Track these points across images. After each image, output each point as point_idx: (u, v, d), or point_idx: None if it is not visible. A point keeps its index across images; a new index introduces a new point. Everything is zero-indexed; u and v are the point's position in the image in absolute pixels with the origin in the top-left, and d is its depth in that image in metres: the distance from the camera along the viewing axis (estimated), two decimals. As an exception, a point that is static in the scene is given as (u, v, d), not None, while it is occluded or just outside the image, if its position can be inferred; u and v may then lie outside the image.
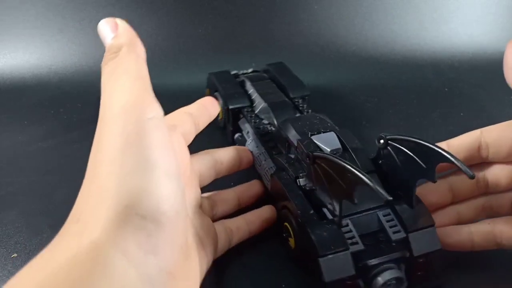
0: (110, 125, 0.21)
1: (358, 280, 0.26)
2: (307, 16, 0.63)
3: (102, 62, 0.24)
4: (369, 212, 0.28)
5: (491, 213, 0.30)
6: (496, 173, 0.30)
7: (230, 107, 0.41)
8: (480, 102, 0.54)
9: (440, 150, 0.25)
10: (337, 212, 0.25)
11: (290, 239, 0.30)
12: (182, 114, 0.30)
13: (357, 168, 0.23)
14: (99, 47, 0.61)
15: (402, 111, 0.52)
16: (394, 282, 0.26)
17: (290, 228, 0.29)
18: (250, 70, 0.48)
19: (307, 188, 0.29)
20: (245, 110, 0.40)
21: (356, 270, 0.25)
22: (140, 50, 0.24)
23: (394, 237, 0.27)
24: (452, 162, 0.24)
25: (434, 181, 0.26)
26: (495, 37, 0.67)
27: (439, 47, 0.65)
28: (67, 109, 0.53)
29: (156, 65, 0.60)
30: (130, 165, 0.20)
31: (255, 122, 0.39)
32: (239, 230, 0.31)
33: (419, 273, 0.27)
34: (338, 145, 0.30)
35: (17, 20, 0.60)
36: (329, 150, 0.29)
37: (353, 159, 0.29)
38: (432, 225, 0.27)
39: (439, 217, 0.29)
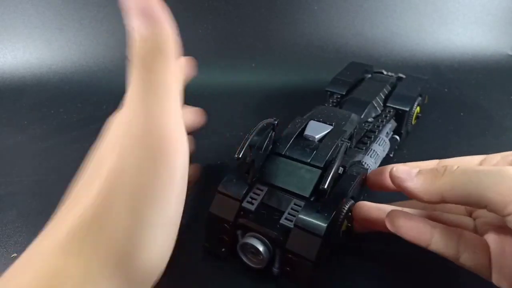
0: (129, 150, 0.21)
1: (236, 231, 0.29)
2: (307, 17, 0.63)
3: (133, 52, 0.21)
4: (287, 193, 0.29)
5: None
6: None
7: (326, 89, 0.45)
8: (480, 103, 0.54)
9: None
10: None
11: None
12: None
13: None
14: (99, 47, 0.61)
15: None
16: (252, 250, 0.28)
17: None
18: (393, 75, 0.48)
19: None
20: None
21: (234, 220, 0.29)
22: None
23: (282, 221, 0.28)
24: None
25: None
26: (495, 38, 0.67)
27: (438, 48, 0.65)
28: (67, 109, 0.53)
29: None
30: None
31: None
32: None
33: (287, 268, 0.27)
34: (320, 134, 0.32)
35: (17, 20, 0.60)
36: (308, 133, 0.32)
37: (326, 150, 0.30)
38: (321, 237, 0.26)
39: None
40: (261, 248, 0.28)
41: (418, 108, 0.45)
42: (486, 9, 0.66)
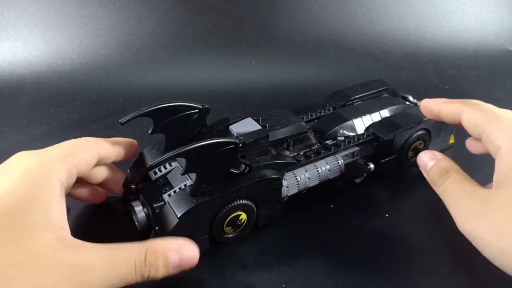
0: None
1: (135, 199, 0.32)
2: (307, 15, 0.63)
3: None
4: (180, 169, 0.32)
5: None
6: None
7: (324, 100, 0.44)
8: (481, 100, 0.53)
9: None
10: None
11: None
12: (88, 141, 0.31)
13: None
14: (98, 45, 0.61)
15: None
16: (134, 214, 0.31)
17: None
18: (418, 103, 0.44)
19: None
20: None
21: (137, 184, 0.33)
22: None
23: (164, 196, 0.31)
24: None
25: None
26: (496, 34, 0.66)
27: (439, 44, 0.65)
28: (66, 108, 0.53)
29: (156, 63, 0.60)
30: None
31: None
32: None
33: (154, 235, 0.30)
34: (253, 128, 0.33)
35: (16, 18, 0.60)
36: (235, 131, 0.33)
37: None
38: (178, 218, 0.28)
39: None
40: (138, 209, 0.31)
41: (421, 144, 0.40)
42: (487, 6, 0.66)
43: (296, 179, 0.34)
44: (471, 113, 0.30)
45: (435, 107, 0.34)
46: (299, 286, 0.29)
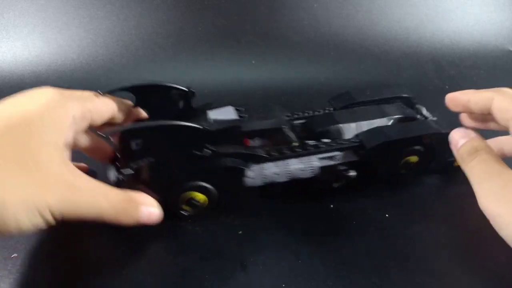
0: None
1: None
2: (307, 15, 0.63)
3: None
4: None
5: None
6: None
7: (328, 99, 0.44)
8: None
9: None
10: None
11: None
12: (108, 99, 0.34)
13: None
14: (98, 45, 0.61)
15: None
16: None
17: None
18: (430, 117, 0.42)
19: None
20: None
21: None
22: None
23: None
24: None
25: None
26: (496, 34, 0.66)
27: (439, 44, 0.65)
28: (66, 108, 0.53)
29: (156, 63, 0.60)
30: None
31: None
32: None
33: None
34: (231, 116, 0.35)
35: (16, 17, 0.60)
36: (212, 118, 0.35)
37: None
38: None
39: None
40: (111, 180, 0.33)
41: (414, 158, 0.37)
42: (487, 5, 0.66)
43: (263, 172, 0.34)
44: (503, 99, 0.31)
45: (464, 97, 0.34)
46: (299, 286, 0.29)
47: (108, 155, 0.36)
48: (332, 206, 0.37)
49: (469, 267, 0.31)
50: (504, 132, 0.32)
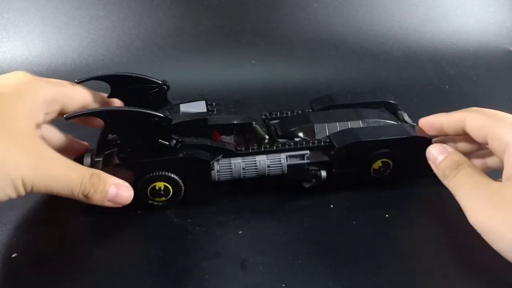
0: None
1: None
2: (307, 14, 0.63)
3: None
4: None
5: None
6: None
7: (309, 100, 0.44)
8: (481, 100, 0.54)
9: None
10: None
11: None
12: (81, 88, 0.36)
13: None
14: (98, 45, 0.61)
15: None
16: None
17: None
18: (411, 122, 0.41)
19: None
20: None
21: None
22: None
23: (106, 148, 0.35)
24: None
25: None
26: (496, 34, 0.66)
27: (439, 44, 0.65)
28: (66, 108, 0.53)
29: (156, 63, 0.60)
30: None
31: None
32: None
33: None
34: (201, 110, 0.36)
35: (16, 18, 0.60)
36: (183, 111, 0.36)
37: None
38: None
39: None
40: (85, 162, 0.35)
41: (387, 164, 0.37)
42: (487, 5, 0.66)
43: (230, 166, 0.35)
44: (475, 117, 0.31)
45: (436, 120, 0.34)
46: (299, 286, 0.29)
47: (80, 153, 0.37)
48: (332, 206, 0.37)
49: (469, 267, 0.31)
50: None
